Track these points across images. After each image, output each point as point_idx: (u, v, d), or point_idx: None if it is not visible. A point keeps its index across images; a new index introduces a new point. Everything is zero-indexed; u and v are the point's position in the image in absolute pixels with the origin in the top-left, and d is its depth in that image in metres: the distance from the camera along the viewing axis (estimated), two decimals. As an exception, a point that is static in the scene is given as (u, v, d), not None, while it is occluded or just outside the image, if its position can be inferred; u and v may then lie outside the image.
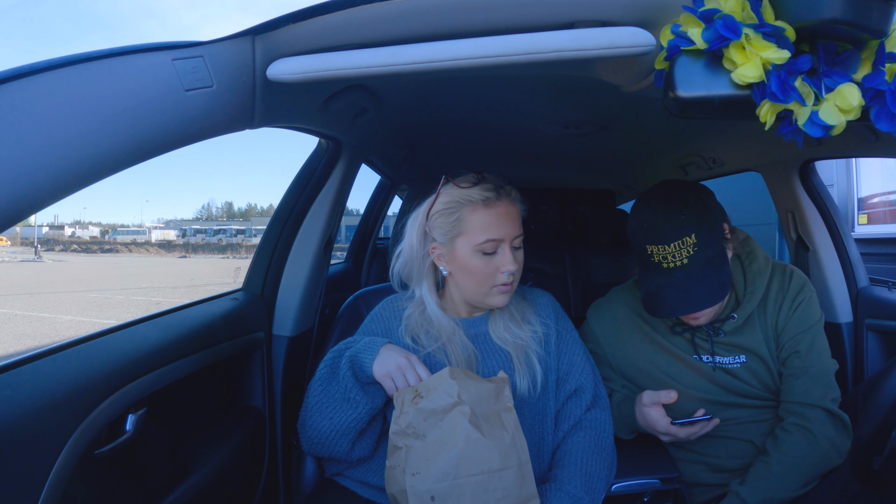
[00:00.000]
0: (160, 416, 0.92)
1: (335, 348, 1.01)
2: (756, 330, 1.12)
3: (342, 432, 0.97)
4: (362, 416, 0.96)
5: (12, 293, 11.53)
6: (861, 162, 5.22)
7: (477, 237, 0.96)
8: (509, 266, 0.97)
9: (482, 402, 0.88)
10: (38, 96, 0.57)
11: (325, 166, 1.34)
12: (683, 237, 0.98)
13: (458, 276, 1.01)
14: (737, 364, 1.12)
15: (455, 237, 0.98)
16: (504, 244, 0.98)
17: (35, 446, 0.65)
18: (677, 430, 1.05)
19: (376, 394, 0.96)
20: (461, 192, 0.97)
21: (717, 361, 1.13)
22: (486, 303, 1.02)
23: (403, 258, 1.04)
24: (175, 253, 40.52)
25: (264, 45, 0.77)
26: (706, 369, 1.14)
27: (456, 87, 1.24)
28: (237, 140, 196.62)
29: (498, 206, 0.97)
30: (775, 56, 0.66)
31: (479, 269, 0.98)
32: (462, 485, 0.82)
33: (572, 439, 1.03)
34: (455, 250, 0.99)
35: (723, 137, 1.64)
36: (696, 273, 0.99)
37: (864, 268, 1.60)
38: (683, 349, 1.16)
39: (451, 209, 0.98)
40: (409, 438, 0.86)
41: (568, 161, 2.30)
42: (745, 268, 1.15)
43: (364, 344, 0.96)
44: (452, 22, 0.74)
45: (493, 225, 0.96)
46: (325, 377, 0.99)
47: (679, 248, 0.98)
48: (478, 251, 0.97)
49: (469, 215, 0.97)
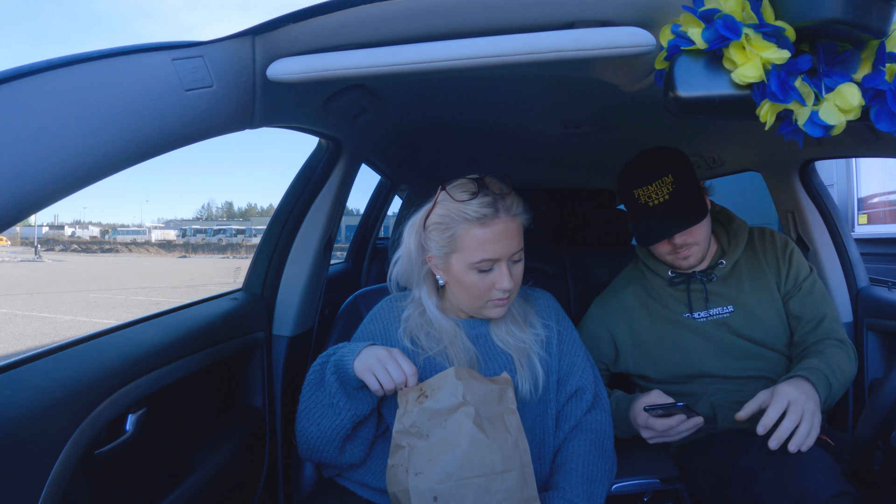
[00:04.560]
0: (160, 416, 0.92)
1: (324, 353, 1.00)
2: (744, 283, 1.23)
3: (328, 438, 0.96)
4: (345, 423, 0.95)
5: (12, 293, 11.53)
6: (861, 162, 5.22)
7: (472, 256, 0.93)
8: (505, 283, 0.94)
9: (486, 403, 0.88)
10: (38, 96, 0.57)
11: (325, 166, 1.34)
12: (662, 177, 1.14)
13: (454, 287, 1.00)
14: (726, 313, 1.23)
15: (450, 253, 0.95)
16: (500, 262, 0.94)
17: (35, 446, 0.65)
18: (654, 421, 1.06)
19: (361, 400, 0.95)
20: (456, 207, 0.93)
21: (709, 313, 1.23)
22: (483, 314, 1.02)
23: (401, 265, 1.02)
24: (175, 253, 40.53)
25: (264, 45, 0.77)
26: (697, 326, 1.23)
27: (456, 87, 1.24)
28: (237, 140, 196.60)
29: (495, 225, 0.92)
30: (775, 56, 0.66)
31: (474, 285, 0.95)
32: (465, 485, 0.82)
33: (573, 443, 1.03)
34: (450, 265, 0.96)
35: (723, 137, 1.64)
36: (675, 204, 1.14)
37: (864, 268, 1.60)
38: (677, 309, 1.25)
39: (446, 224, 0.94)
40: (412, 438, 0.86)
41: (568, 161, 2.30)
42: (726, 226, 1.29)
43: (349, 348, 0.95)
44: (452, 22, 0.74)
45: (490, 244, 0.92)
46: (314, 383, 0.99)
47: (659, 186, 1.13)
48: (473, 269, 0.94)
49: (464, 234, 0.92)
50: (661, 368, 1.24)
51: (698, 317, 1.23)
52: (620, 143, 1.85)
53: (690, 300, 1.24)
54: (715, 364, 1.21)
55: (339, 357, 0.94)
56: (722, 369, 1.21)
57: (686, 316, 1.24)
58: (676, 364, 1.23)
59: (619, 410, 1.15)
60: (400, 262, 1.02)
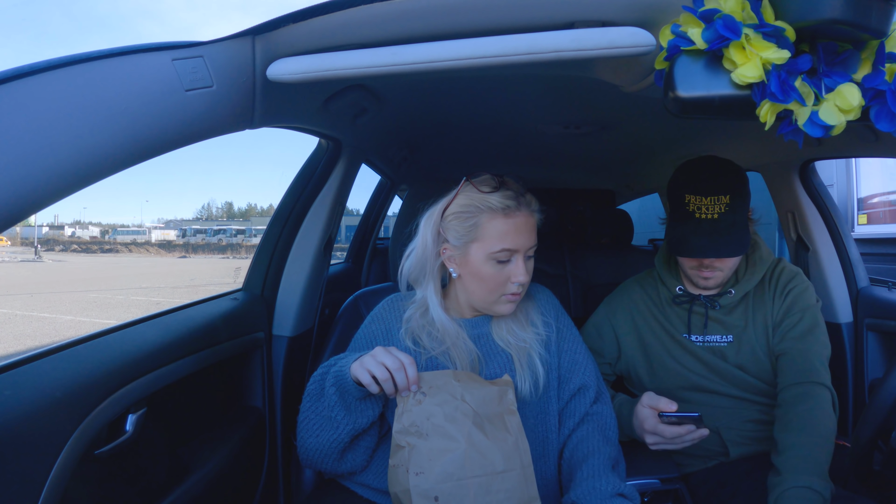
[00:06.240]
0: (160, 416, 0.92)
1: (325, 364, 1.00)
2: (747, 317, 1.20)
3: (325, 451, 0.96)
4: (343, 437, 0.94)
5: (12, 293, 11.53)
6: (861, 162, 5.22)
7: (493, 245, 0.95)
8: (521, 277, 0.96)
9: (486, 404, 0.88)
10: (38, 96, 0.57)
11: (325, 166, 1.34)
12: (719, 195, 1.10)
13: (468, 280, 1.00)
14: (723, 342, 1.20)
15: (470, 242, 0.96)
16: (518, 254, 0.97)
17: (35, 446, 0.65)
18: (664, 428, 1.06)
19: (361, 413, 0.94)
20: (481, 197, 0.95)
21: (705, 339, 1.21)
22: (493, 310, 1.01)
23: (415, 256, 1.01)
24: (175, 253, 40.53)
25: (264, 45, 0.77)
26: (693, 348, 1.22)
27: (456, 88, 1.24)
28: (237, 140, 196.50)
29: (517, 217, 0.96)
30: (775, 56, 0.66)
31: (491, 276, 0.97)
32: (466, 486, 0.82)
33: (579, 431, 1.03)
34: (468, 255, 0.97)
35: (723, 137, 1.63)
36: (721, 228, 1.09)
37: (864, 268, 1.60)
38: (677, 326, 1.24)
39: (469, 213, 0.96)
40: (412, 437, 0.86)
41: (568, 161, 2.30)
42: (749, 254, 1.24)
43: (350, 357, 0.94)
44: (452, 22, 0.74)
45: (511, 235, 0.95)
46: (314, 393, 0.98)
47: (713, 203, 1.10)
48: (492, 259, 0.96)
49: (487, 222, 0.95)
50: (659, 375, 1.24)
51: (695, 339, 1.22)
52: (620, 143, 1.85)
53: (690, 322, 1.23)
54: (708, 386, 1.20)
55: (339, 368, 0.93)
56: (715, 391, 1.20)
57: (684, 336, 1.24)
58: (673, 375, 1.23)
59: (622, 414, 1.15)
60: (414, 254, 1.01)
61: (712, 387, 1.19)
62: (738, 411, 1.18)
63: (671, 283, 1.26)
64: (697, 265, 1.16)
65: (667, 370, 1.23)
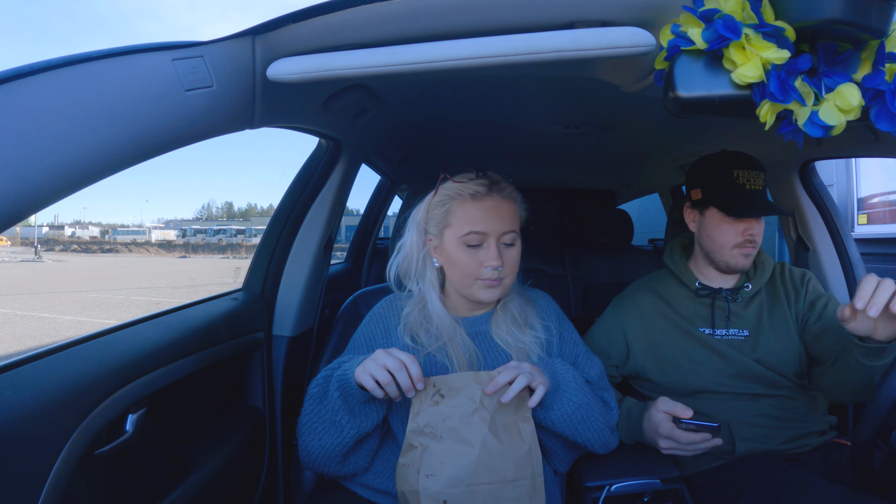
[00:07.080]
0: (160, 416, 0.92)
1: (328, 367, 1.00)
2: (762, 312, 1.25)
3: (329, 455, 0.96)
4: (347, 441, 0.94)
5: (12, 293, 11.53)
6: (861, 162, 5.22)
7: (461, 229, 0.98)
8: (492, 261, 0.97)
9: (503, 410, 0.88)
10: (38, 96, 0.57)
11: (325, 166, 1.34)
12: (759, 171, 1.21)
13: (448, 268, 1.03)
14: (741, 336, 1.24)
15: (444, 228, 1.01)
16: (490, 238, 0.98)
17: (35, 446, 0.65)
18: (680, 433, 1.06)
19: (365, 417, 0.94)
20: (454, 186, 1.01)
21: (727, 332, 1.24)
22: (475, 297, 1.02)
23: (404, 252, 1.07)
24: (175, 253, 40.52)
25: (264, 45, 0.77)
26: (713, 342, 1.23)
27: (456, 87, 1.24)
28: (237, 140, 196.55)
29: (486, 201, 0.99)
30: (775, 56, 0.66)
31: (463, 261, 0.99)
32: (475, 492, 0.81)
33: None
34: (443, 242, 1.01)
35: (723, 137, 1.64)
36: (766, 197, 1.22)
37: (864, 268, 1.60)
38: (694, 322, 1.25)
39: (443, 201, 1.01)
40: (425, 438, 0.85)
41: (568, 161, 2.30)
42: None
43: (354, 361, 0.94)
44: (452, 22, 0.74)
45: (478, 218, 0.98)
46: (317, 396, 0.98)
47: (757, 176, 1.20)
48: (462, 243, 0.99)
49: (457, 208, 0.99)
50: (670, 376, 1.24)
51: (715, 334, 1.24)
52: (620, 143, 1.85)
53: (714, 316, 1.25)
54: (723, 382, 1.20)
55: (343, 372, 0.93)
56: (730, 388, 1.20)
57: (701, 331, 1.24)
58: (685, 374, 1.22)
59: (631, 418, 1.15)
60: (403, 249, 1.07)
61: (725, 382, 1.20)
62: (750, 405, 1.19)
63: (689, 280, 1.28)
64: (742, 241, 1.19)
65: (679, 369, 1.23)
